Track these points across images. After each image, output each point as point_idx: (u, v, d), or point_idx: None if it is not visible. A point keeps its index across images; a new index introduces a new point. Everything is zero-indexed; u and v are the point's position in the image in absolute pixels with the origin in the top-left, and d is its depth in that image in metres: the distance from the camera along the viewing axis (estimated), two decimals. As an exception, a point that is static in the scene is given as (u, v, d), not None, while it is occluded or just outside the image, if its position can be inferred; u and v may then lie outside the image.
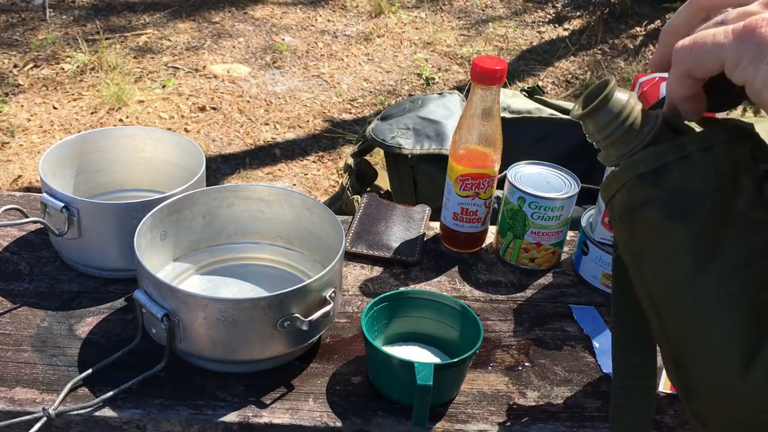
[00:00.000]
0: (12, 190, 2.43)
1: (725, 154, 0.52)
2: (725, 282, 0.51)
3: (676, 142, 0.54)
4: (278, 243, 0.93)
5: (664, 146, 0.54)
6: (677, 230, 0.53)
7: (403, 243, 0.99)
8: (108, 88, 2.93)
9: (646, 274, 0.56)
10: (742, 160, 0.53)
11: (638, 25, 3.88)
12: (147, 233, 0.82)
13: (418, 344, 0.81)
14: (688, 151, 0.53)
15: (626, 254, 0.58)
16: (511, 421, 0.74)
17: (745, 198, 0.52)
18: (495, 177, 0.96)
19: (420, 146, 1.65)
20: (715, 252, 0.52)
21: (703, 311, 0.52)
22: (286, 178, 2.62)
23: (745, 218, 0.52)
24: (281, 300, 0.72)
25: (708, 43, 0.48)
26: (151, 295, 0.74)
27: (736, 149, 0.53)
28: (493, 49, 3.67)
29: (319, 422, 0.72)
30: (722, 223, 0.52)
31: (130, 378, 0.74)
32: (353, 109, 3.08)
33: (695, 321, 0.53)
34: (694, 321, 0.53)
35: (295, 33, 3.67)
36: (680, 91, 0.53)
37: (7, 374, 0.75)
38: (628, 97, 0.56)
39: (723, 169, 0.52)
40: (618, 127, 0.55)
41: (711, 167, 0.52)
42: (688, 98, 0.53)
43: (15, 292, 0.87)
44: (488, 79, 0.88)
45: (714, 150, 0.52)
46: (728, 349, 0.51)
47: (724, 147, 0.53)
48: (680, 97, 0.53)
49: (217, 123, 2.88)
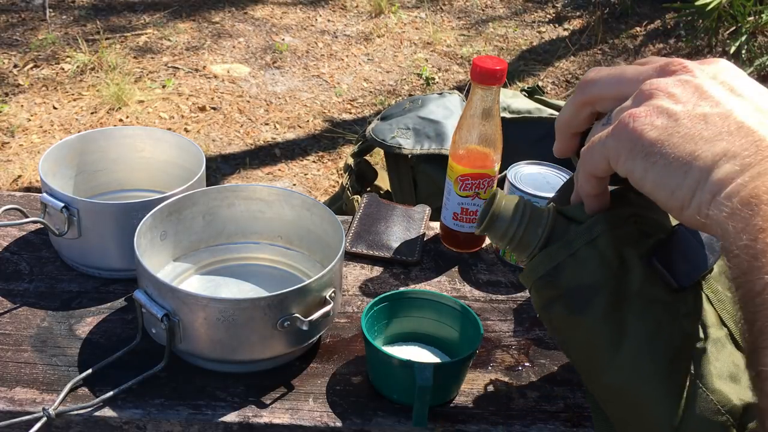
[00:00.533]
0: (12, 190, 2.44)
1: (609, 242, 0.56)
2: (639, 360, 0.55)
3: (564, 240, 0.57)
4: (278, 243, 0.93)
5: (554, 247, 0.58)
6: (584, 321, 0.57)
7: (403, 243, 0.99)
8: (108, 88, 2.93)
9: (572, 356, 0.61)
10: (628, 241, 0.56)
11: (638, 25, 3.89)
12: (147, 233, 0.82)
13: (418, 344, 0.81)
14: (575, 248, 0.56)
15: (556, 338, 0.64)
16: (511, 421, 0.74)
17: (637, 278, 0.56)
18: (495, 177, 0.96)
19: (420, 146, 1.65)
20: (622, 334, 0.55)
21: (626, 387, 0.56)
22: (286, 178, 2.62)
23: (641, 296, 0.56)
24: (281, 300, 0.72)
25: (596, 144, 0.51)
26: (151, 295, 0.74)
27: (621, 233, 0.56)
28: (493, 49, 3.67)
29: (319, 422, 0.72)
30: (621, 306, 0.55)
31: (130, 378, 0.73)
32: (353, 109, 3.08)
33: (621, 396, 0.57)
34: (620, 396, 0.57)
35: (295, 33, 3.67)
36: (586, 189, 0.56)
37: (7, 374, 0.75)
38: (514, 207, 0.60)
39: (609, 257, 0.56)
40: (513, 235, 0.59)
41: (597, 259, 0.56)
42: (594, 196, 0.56)
43: (15, 292, 0.87)
44: (488, 79, 0.88)
45: (598, 241, 0.56)
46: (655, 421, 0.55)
47: (608, 235, 0.56)
48: (586, 194, 0.56)
49: (217, 123, 2.88)
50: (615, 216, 0.56)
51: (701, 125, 0.46)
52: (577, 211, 0.58)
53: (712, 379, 0.54)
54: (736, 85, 0.48)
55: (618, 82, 0.52)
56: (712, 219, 0.44)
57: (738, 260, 0.42)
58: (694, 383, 0.54)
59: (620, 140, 0.48)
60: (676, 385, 0.54)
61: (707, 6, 3.47)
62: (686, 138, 0.45)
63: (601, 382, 0.58)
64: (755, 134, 0.44)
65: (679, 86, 0.48)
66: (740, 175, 0.43)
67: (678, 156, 0.45)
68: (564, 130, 0.58)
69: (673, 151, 0.46)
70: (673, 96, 0.47)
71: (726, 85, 0.48)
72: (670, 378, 0.54)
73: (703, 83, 0.48)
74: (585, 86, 0.55)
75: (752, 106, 0.46)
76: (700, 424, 0.54)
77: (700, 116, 0.46)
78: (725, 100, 0.46)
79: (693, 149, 0.45)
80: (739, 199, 0.43)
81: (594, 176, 0.53)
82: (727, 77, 0.48)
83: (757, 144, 0.44)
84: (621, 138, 0.48)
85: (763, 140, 0.44)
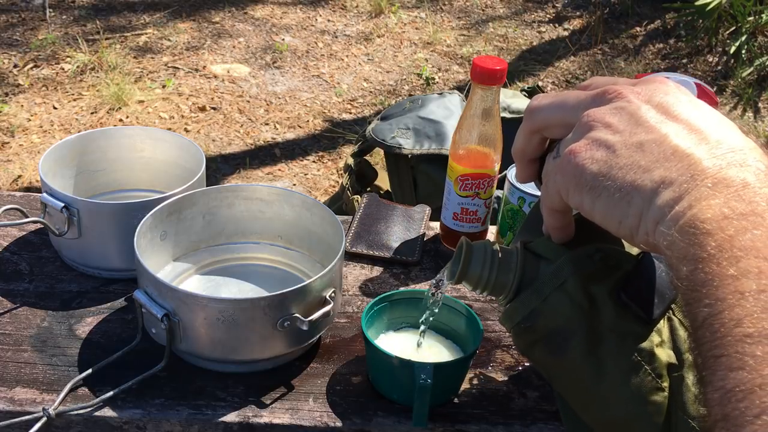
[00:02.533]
0: (12, 190, 2.44)
1: (578, 283, 0.57)
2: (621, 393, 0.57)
3: (535, 286, 0.59)
4: (278, 243, 0.93)
5: (526, 294, 0.59)
6: (563, 362, 0.58)
7: (403, 243, 0.99)
8: (108, 88, 2.93)
9: (561, 391, 0.63)
10: (595, 278, 0.57)
11: (638, 25, 3.88)
12: (147, 233, 0.82)
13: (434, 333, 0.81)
14: (545, 294, 0.58)
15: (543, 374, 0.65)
16: (511, 421, 0.74)
17: (608, 315, 0.57)
18: (495, 177, 0.96)
19: (420, 146, 1.65)
20: (602, 370, 0.57)
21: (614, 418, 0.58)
22: (286, 178, 2.62)
23: (615, 332, 0.57)
24: (281, 300, 0.72)
25: (548, 181, 0.53)
26: (151, 295, 0.74)
27: (588, 272, 0.57)
28: (493, 49, 3.67)
29: (319, 422, 0.72)
30: (597, 344, 0.57)
31: (130, 378, 0.73)
32: (353, 109, 3.08)
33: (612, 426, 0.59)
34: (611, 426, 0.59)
35: (295, 33, 3.67)
36: (551, 223, 0.57)
37: (7, 374, 0.75)
38: (484, 251, 0.61)
39: (579, 299, 0.57)
40: (487, 281, 0.61)
41: (568, 302, 0.57)
42: (559, 228, 0.57)
43: (15, 292, 0.87)
44: (488, 79, 0.88)
45: (567, 285, 0.57)
46: None
47: (575, 277, 0.57)
48: (551, 228, 0.58)
49: (217, 123, 2.88)
50: (580, 256, 0.57)
51: (638, 154, 0.46)
52: (545, 247, 0.60)
53: (692, 406, 0.55)
54: (670, 104, 0.47)
55: (560, 109, 0.53)
56: (658, 247, 0.45)
57: (681, 290, 0.42)
58: (674, 411, 0.55)
59: (565, 176, 0.49)
60: (659, 414, 0.55)
61: (707, 6, 3.47)
62: (625, 168, 0.46)
63: (589, 413, 0.60)
64: (689, 158, 0.44)
65: (615, 115, 0.48)
66: (678, 202, 0.43)
67: (619, 187, 0.46)
68: (520, 159, 0.58)
69: (615, 183, 0.46)
70: (610, 126, 0.48)
71: (661, 107, 0.47)
72: (652, 408, 0.56)
73: (638, 109, 0.47)
74: (531, 114, 0.55)
75: (686, 127, 0.46)
76: None
77: (637, 145, 0.46)
78: (659, 125, 0.46)
79: (633, 179, 0.45)
80: (677, 227, 0.42)
81: (554, 210, 0.55)
82: (662, 98, 0.48)
83: (691, 168, 0.43)
84: (566, 174, 0.49)
85: (697, 163, 0.44)
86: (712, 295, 0.39)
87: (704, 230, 0.41)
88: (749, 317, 0.37)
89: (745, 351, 0.37)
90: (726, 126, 0.46)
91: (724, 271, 0.39)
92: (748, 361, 0.36)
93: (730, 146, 0.44)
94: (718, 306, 0.39)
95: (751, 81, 3.42)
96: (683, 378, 0.56)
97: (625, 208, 0.46)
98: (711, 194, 0.42)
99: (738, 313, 0.38)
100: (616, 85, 0.50)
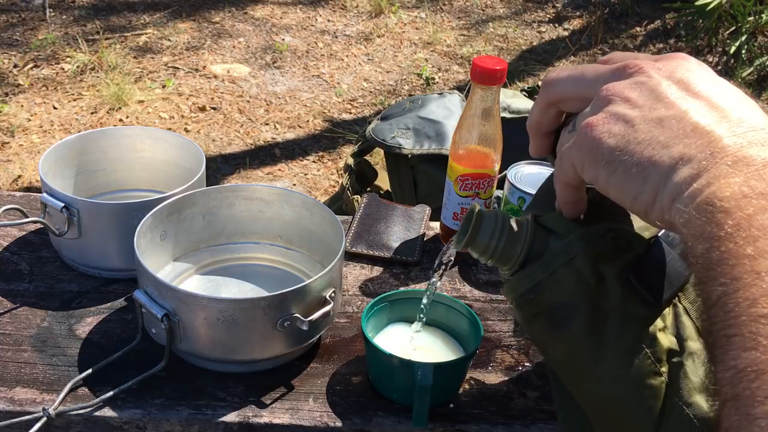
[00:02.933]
0: (12, 190, 2.44)
1: (587, 261, 0.56)
2: (618, 374, 0.56)
3: (543, 260, 0.58)
4: (278, 243, 0.93)
5: (533, 266, 0.58)
6: (564, 339, 0.57)
7: (403, 243, 0.99)
8: (108, 88, 2.93)
9: (555, 367, 0.62)
10: (605, 258, 0.56)
11: (638, 25, 3.89)
12: (147, 233, 0.82)
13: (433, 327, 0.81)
14: (553, 268, 0.57)
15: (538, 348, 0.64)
16: (511, 421, 0.74)
17: (615, 295, 0.56)
18: (495, 177, 0.96)
19: (420, 146, 1.65)
20: (601, 349, 0.56)
21: (607, 398, 0.57)
22: (286, 178, 2.62)
23: (620, 313, 0.56)
24: (281, 300, 0.72)
25: (563, 154, 0.52)
26: (151, 295, 0.74)
27: (598, 251, 0.56)
28: (493, 49, 3.67)
29: (319, 422, 0.72)
30: (600, 323, 0.56)
31: (130, 378, 0.73)
32: (353, 109, 3.08)
33: (603, 406, 0.57)
34: (601, 406, 0.58)
35: (295, 33, 3.67)
36: (563, 197, 0.56)
37: (7, 374, 0.75)
38: (495, 219, 0.60)
39: (587, 276, 0.56)
40: (494, 250, 0.59)
41: (575, 278, 0.56)
42: (571, 203, 0.56)
43: (15, 292, 0.87)
44: (488, 79, 0.88)
45: (576, 261, 0.56)
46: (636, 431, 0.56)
47: (585, 254, 0.56)
48: (563, 202, 0.57)
49: (217, 123, 2.88)
50: (592, 233, 0.57)
51: (657, 130, 0.45)
52: (556, 221, 0.59)
53: (689, 393, 0.55)
54: (692, 81, 0.47)
55: (578, 83, 0.52)
56: (673, 224, 0.44)
57: (696, 268, 0.41)
58: (670, 397, 0.55)
59: (581, 150, 0.49)
60: (654, 398, 0.55)
61: (707, 6, 3.48)
62: (643, 144, 0.45)
63: (582, 391, 0.59)
64: (710, 135, 0.43)
65: (635, 89, 0.47)
66: (696, 180, 0.42)
67: (637, 162, 0.45)
68: (534, 132, 0.58)
69: (632, 157, 0.45)
70: (629, 100, 0.47)
71: (682, 83, 0.47)
72: (648, 391, 0.55)
73: (659, 84, 0.47)
74: (547, 87, 0.55)
75: (707, 104, 0.45)
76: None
77: (656, 120, 0.45)
78: (680, 101, 0.46)
79: (651, 155, 0.45)
80: (695, 205, 0.42)
81: (568, 185, 0.54)
82: (684, 74, 0.47)
83: (711, 146, 0.43)
84: (582, 148, 0.48)
85: (717, 141, 0.43)
86: (728, 274, 0.39)
87: (722, 208, 0.40)
88: (765, 297, 0.37)
89: (759, 331, 0.36)
90: (748, 104, 0.46)
91: (740, 250, 0.39)
92: (761, 341, 0.36)
93: (751, 125, 0.43)
94: (733, 285, 0.38)
95: (751, 81, 3.42)
96: (682, 365, 0.55)
97: (641, 183, 0.45)
98: (730, 172, 0.41)
99: (753, 293, 0.37)
100: (637, 60, 0.49)
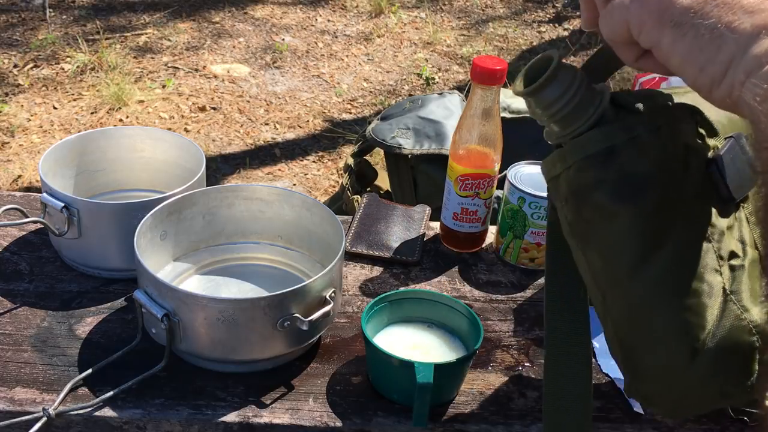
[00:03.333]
0: (12, 190, 2.43)
1: (672, 134, 0.51)
2: (670, 272, 0.50)
3: (624, 122, 0.51)
4: (278, 243, 0.93)
5: (612, 127, 0.51)
6: (626, 214, 0.51)
7: (403, 243, 0.99)
8: (108, 88, 2.93)
9: (592, 259, 0.54)
10: (689, 139, 0.51)
11: (638, 25, 3.88)
12: (147, 233, 0.82)
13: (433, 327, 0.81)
14: (636, 132, 0.51)
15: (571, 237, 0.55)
16: (511, 421, 0.74)
17: (693, 181, 0.51)
18: (495, 177, 0.96)
19: (420, 146, 1.65)
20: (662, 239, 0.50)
21: (649, 300, 0.51)
22: (286, 178, 2.62)
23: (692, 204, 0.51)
24: (281, 300, 0.72)
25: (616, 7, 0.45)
26: (151, 295, 0.74)
27: (683, 129, 0.51)
28: (493, 49, 3.67)
29: (319, 422, 0.72)
30: (670, 207, 0.50)
31: (130, 378, 0.73)
32: (353, 109, 3.08)
33: (641, 308, 0.51)
34: (640, 308, 0.51)
35: (295, 33, 3.67)
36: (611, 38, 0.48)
37: (7, 374, 0.75)
38: (573, 74, 0.53)
39: (671, 150, 0.51)
40: (564, 105, 0.52)
41: (659, 148, 0.50)
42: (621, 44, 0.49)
43: (15, 292, 0.87)
44: (488, 79, 0.88)
45: (662, 131, 0.51)
46: (674, 339, 0.50)
47: (671, 127, 0.51)
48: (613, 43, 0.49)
49: (217, 123, 2.88)
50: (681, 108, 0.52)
51: None
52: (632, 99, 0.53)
53: (747, 297, 0.50)
54: None
55: None
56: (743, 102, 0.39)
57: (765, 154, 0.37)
58: (727, 298, 0.50)
59: (646, 6, 0.43)
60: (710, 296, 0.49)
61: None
62: (723, 7, 0.40)
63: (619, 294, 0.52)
64: None
65: None
66: None
67: (712, 27, 0.40)
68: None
69: (707, 21, 0.40)
70: None
71: None
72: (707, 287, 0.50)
73: None
74: None
75: None
76: (727, 341, 0.49)
77: None
78: None
79: (730, 20, 0.39)
80: None
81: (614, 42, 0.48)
82: None
83: None
84: (647, 4, 0.43)
85: None
86: None
87: None
88: None
89: None
90: None
91: None
92: None
93: None
94: None
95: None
96: (743, 267, 0.51)
97: (713, 52, 0.40)
98: None
99: None
100: None
